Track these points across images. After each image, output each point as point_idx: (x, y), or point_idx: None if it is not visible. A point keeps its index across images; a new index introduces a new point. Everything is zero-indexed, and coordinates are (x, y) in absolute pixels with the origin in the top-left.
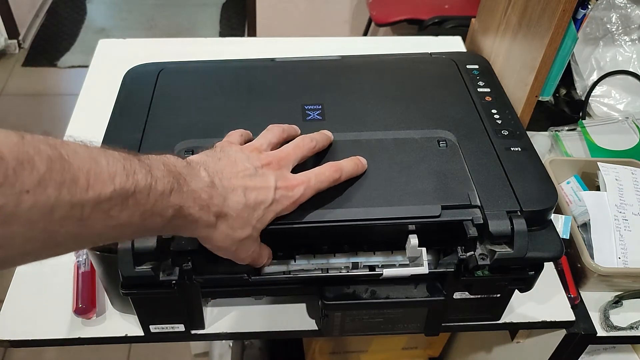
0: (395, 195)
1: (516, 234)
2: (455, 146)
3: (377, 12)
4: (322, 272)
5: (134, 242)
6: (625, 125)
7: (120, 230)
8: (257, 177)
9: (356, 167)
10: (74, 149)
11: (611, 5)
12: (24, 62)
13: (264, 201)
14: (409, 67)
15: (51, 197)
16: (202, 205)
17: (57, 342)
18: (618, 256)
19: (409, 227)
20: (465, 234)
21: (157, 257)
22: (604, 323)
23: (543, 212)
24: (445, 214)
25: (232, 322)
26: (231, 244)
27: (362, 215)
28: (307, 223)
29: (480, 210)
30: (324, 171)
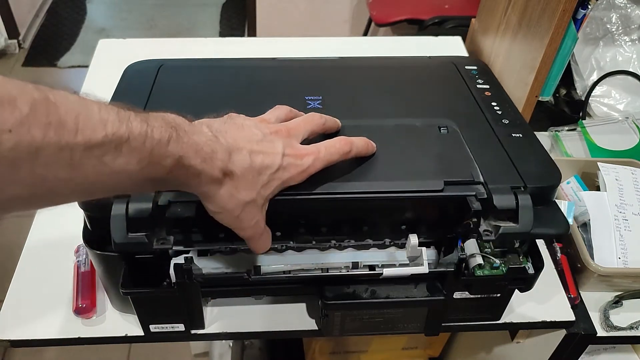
0: (398, 173)
1: (521, 208)
2: (457, 132)
3: (377, 12)
4: (322, 272)
5: (128, 208)
6: (625, 125)
7: (116, 180)
8: (264, 142)
9: (366, 146)
10: (64, 95)
11: (611, 5)
12: (24, 62)
13: (270, 166)
14: (408, 65)
15: (36, 138)
16: (205, 158)
17: (57, 342)
18: (618, 256)
19: (411, 204)
20: (468, 209)
21: (152, 225)
22: (604, 323)
23: (547, 190)
24: (448, 189)
25: (232, 322)
26: (235, 207)
27: (365, 188)
28: (309, 194)
29: (483, 187)
30: (334, 144)
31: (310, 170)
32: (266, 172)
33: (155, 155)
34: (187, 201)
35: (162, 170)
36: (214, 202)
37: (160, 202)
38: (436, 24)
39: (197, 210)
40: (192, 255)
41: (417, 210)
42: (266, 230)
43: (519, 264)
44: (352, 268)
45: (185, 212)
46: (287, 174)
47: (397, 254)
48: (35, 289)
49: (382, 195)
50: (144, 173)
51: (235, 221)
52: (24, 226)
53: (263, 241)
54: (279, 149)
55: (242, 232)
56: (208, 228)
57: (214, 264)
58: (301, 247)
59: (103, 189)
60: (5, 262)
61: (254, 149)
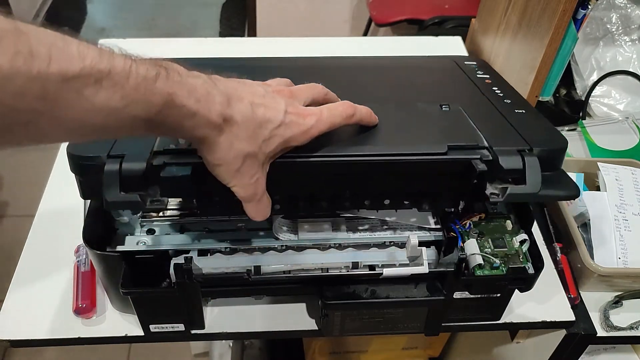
0: (401, 139)
1: (528, 168)
2: (459, 109)
3: (377, 12)
4: (322, 272)
5: (122, 166)
6: (625, 125)
7: (101, 117)
8: (266, 97)
9: (370, 114)
10: (38, 27)
11: (611, 5)
12: None
13: (272, 120)
14: (409, 60)
15: (3, 66)
16: (200, 99)
17: (57, 342)
18: (618, 256)
19: (414, 168)
20: (473, 172)
21: (146, 185)
22: (604, 323)
23: (554, 154)
24: (452, 153)
25: (232, 322)
26: (235, 158)
27: (368, 151)
28: (311, 157)
29: (488, 150)
30: (337, 106)
31: (313, 131)
32: (268, 126)
33: (141, 91)
34: (183, 163)
35: (152, 109)
36: (214, 152)
37: (155, 162)
38: (436, 24)
39: (192, 172)
40: (192, 255)
41: (420, 176)
42: (266, 196)
43: (519, 264)
44: (352, 268)
45: (181, 172)
46: (290, 131)
47: (397, 253)
48: (35, 289)
49: (386, 159)
50: (131, 111)
51: (234, 176)
52: (24, 226)
53: (262, 206)
54: (281, 106)
55: (242, 190)
56: (203, 191)
57: (214, 263)
58: (301, 246)
59: (90, 128)
60: (5, 262)
61: (255, 101)
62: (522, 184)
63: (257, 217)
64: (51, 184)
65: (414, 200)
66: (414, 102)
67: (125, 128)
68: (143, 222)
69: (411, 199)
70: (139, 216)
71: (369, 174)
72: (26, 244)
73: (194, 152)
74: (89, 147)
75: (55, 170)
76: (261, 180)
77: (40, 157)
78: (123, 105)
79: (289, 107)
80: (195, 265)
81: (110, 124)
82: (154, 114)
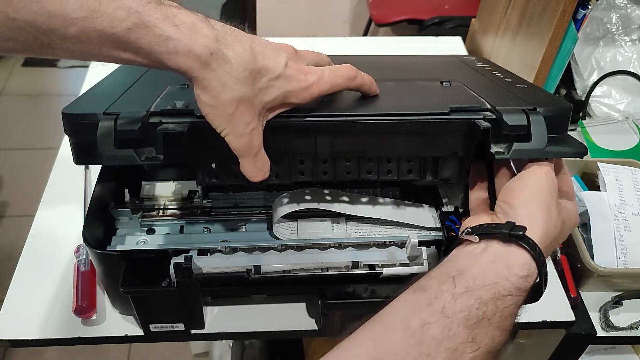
0: (403, 103)
1: (533, 123)
2: (460, 84)
3: (377, 12)
4: (321, 272)
5: (117, 123)
6: (625, 125)
7: (58, 23)
8: (268, 48)
9: (371, 81)
10: None
11: (611, 5)
12: (24, 62)
13: (271, 70)
14: (411, 55)
15: None
16: (178, 25)
17: (57, 342)
18: (618, 256)
19: (417, 129)
20: (477, 131)
21: (141, 142)
22: (604, 323)
23: (559, 116)
24: (454, 114)
25: (232, 322)
26: (229, 101)
27: (369, 111)
28: (311, 116)
29: (492, 112)
30: (339, 67)
31: (314, 89)
32: (266, 74)
33: (105, 4)
34: (179, 122)
35: (119, 26)
36: (205, 90)
37: (151, 120)
38: (436, 24)
39: (189, 130)
40: (192, 254)
41: (422, 138)
42: (264, 153)
43: None
44: (352, 268)
45: (177, 129)
46: (289, 85)
47: (397, 253)
48: (35, 289)
49: (387, 119)
50: (94, 24)
51: (228, 122)
52: (24, 226)
53: (259, 164)
54: (282, 59)
55: (236, 139)
56: (199, 149)
57: (214, 263)
58: (301, 246)
59: (52, 35)
60: (5, 262)
61: (255, 48)
62: (527, 141)
63: (255, 176)
64: (51, 184)
65: (416, 169)
66: (414, 80)
67: (93, 43)
68: (143, 222)
69: (414, 167)
70: (139, 216)
71: (370, 135)
72: (26, 244)
73: (191, 113)
74: (85, 106)
75: (55, 170)
76: (257, 131)
77: (40, 157)
78: (82, 16)
79: (289, 62)
80: (195, 264)
81: (71, 34)
82: (123, 31)
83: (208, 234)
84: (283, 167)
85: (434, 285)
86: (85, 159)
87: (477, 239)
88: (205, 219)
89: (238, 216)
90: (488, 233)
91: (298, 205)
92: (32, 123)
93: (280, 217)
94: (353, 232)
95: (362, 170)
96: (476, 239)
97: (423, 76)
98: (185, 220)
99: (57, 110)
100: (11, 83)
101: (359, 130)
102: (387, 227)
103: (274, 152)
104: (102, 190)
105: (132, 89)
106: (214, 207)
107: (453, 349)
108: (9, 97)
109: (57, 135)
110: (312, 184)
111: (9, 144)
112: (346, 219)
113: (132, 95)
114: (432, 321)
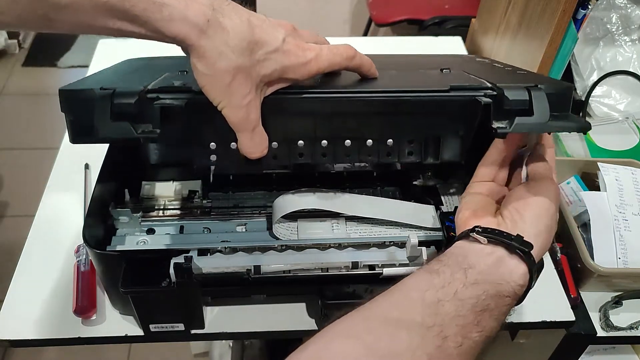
0: (403, 82)
1: (534, 98)
2: (461, 71)
3: (377, 12)
4: (322, 272)
5: (114, 96)
6: (625, 125)
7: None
8: (266, 22)
9: (370, 62)
10: None
11: (611, 5)
12: (24, 62)
13: (268, 42)
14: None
15: None
16: None
17: (57, 342)
18: (618, 256)
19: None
20: (478, 108)
21: (138, 116)
22: (604, 323)
23: (561, 94)
24: (455, 92)
25: (232, 322)
26: (226, 70)
27: (371, 88)
28: (310, 92)
29: (493, 90)
30: (338, 46)
31: (312, 66)
32: (263, 47)
33: None
34: (177, 98)
35: None
36: (203, 59)
37: (148, 95)
38: (436, 24)
39: (186, 105)
40: (192, 254)
41: (423, 116)
42: (262, 128)
43: None
44: (352, 268)
45: (174, 103)
46: (287, 60)
47: (397, 253)
48: (35, 289)
49: (388, 95)
50: None
51: (225, 93)
52: (24, 226)
53: (257, 139)
54: (279, 34)
55: (232, 112)
56: (196, 126)
57: (214, 263)
58: (301, 246)
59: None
60: (5, 262)
61: (254, 21)
62: (529, 116)
63: (253, 152)
64: (51, 184)
65: (417, 151)
66: (415, 70)
67: (87, 12)
68: (143, 222)
69: (415, 149)
70: (139, 216)
71: (370, 112)
72: (26, 244)
73: (189, 90)
74: (82, 85)
75: (55, 170)
76: (254, 105)
77: (40, 157)
78: None
79: (287, 37)
80: (195, 264)
81: (65, 2)
82: (119, 1)
83: (208, 234)
84: (282, 148)
85: (447, 272)
86: (82, 137)
87: (486, 241)
88: (205, 219)
89: (238, 216)
90: (499, 240)
91: (298, 205)
92: (32, 123)
93: (280, 217)
94: (353, 232)
95: (362, 152)
96: (485, 241)
97: (423, 67)
98: (185, 221)
99: (57, 110)
100: (11, 83)
101: (359, 107)
102: (387, 227)
103: (273, 130)
104: (102, 190)
105: (130, 75)
106: (214, 207)
107: (462, 326)
108: (9, 97)
109: (57, 135)
110: (311, 166)
111: (9, 144)
112: (346, 219)
113: (130, 78)
114: (446, 299)
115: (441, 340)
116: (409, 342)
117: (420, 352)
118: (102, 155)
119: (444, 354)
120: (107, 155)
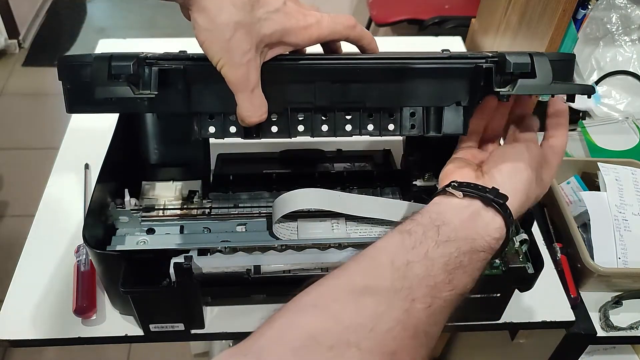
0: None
1: (537, 62)
2: (461, 52)
3: (377, 12)
4: (322, 272)
5: (112, 58)
6: (625, 125)
7: None
8: None
9: (371, 35)
10: None
11: (611, 5)
12: (24, 62)
13: (270, 3)
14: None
15: None
16: None
17: (57, 342)
18: (618, 256)
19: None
20: (480, 73)
21: (136, 79)
22: (604, 323)
23: (563, 61)
24: (456, 59)
25: (232, 322)
26: (225, 25)
27: (371, 56)
28: (311, 59)
29: (494, 57)
30: (339, 15)
31: (313, 31)
32: (264, 6)
33: None
34: (175, 62)
35: None
36: (203, 13)
37: (147, 60)
38: (436, 24)
39: (184, 69)
40: (192, 254)
41: (423, 85)
42: (261, 91)
43: (519, 264)
44: None
45: (171, 65)
46: (288, 22)
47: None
48: (35, 289)
49: (389, 62)
50: None
51: (225, 49)
52: (24, 226)
53: (256, 101)
54: None
55: (231, 71)
56: (194, 91)
57: (214, 263)
58: (301, 246)
59: None
60: (5, 262)
61: None
62: (532, 77)
63: (252, 115)
64: (51, 184)
65: (419, 123)
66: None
67: None
68: (143, 222)
69: (416, 122)
70: (139, 216)
71: (370, 80)
72: (26, 244)
73: (187, 57)
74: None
75: (55, 170)
76: (254, 64)
77: (41, 157)
78: None
79: (289, 2)
80: (195, 264)
81: None
82: None
83: (208, 234)
84: (282, 119)
85: (419, 231)
86: (78, 106)
87: (461, 195)
88: (205, 219)
89: (238, 216)
90: (474, 193)
91: (298, 205)
92: (32, 123)
93: (280, 217)
94: (353, 232)
95: (363, 124)
96: (460, 195)
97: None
98: (185, 220)
99: (57, 110)
100: (11, 83)
101: (359, 74)
102: (387, 227)
103: (272, 98)
104: (102, 190)
105: None
106: (214, 207)
107: (432, 286)
108: (9, 97)
109: (57, 135)
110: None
111: (9, 144)
112: (346, 219)
113: None
114: (416, 260)
115: (409, 303)
116: (374, 309)
117: (387, 318)
118: (102, 155)
119: (412, 317)
120: (107, 155)
